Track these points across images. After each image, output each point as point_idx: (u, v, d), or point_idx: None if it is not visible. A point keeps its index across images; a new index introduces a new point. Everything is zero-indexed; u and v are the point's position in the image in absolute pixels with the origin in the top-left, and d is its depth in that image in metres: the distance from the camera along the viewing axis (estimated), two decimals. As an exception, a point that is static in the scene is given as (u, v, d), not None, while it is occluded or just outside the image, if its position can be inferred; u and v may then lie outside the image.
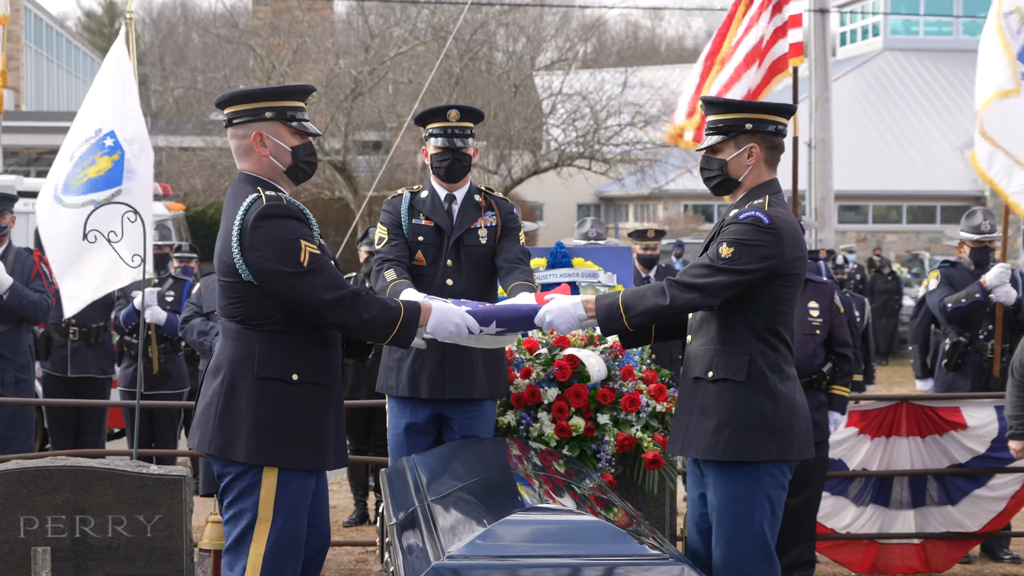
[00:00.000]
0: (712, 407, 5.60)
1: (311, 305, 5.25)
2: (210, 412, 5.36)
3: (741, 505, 5.56)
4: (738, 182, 5.73)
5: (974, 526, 9.31)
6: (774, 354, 5.61)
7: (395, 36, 30.87)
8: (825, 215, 19.58)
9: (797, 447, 5.62)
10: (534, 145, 32.41)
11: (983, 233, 10.14)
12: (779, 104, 5.80)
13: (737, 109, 5.74)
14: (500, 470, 6.01)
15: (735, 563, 5.57)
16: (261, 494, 5.28)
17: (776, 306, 5.60)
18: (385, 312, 5.38)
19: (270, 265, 5.22)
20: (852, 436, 9.12)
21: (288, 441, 5.29)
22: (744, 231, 5.51)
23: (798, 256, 5.62)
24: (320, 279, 5.24)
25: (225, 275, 5.37)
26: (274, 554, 5.29)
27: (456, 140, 6.95)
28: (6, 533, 7.17)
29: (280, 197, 5.33)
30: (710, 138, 5.75)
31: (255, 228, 5.24)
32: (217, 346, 5.56)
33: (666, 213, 45.41)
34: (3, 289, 9.50)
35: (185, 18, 57.46)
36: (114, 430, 13.10)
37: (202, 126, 33.47)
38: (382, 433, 10.06)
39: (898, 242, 42.18)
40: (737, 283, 5.48)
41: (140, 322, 8.97)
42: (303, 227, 5.32)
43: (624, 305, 5.59)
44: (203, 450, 5.38)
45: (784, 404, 5.58)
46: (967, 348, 10.07)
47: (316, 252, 5.28)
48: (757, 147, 5.68)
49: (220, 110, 5.52)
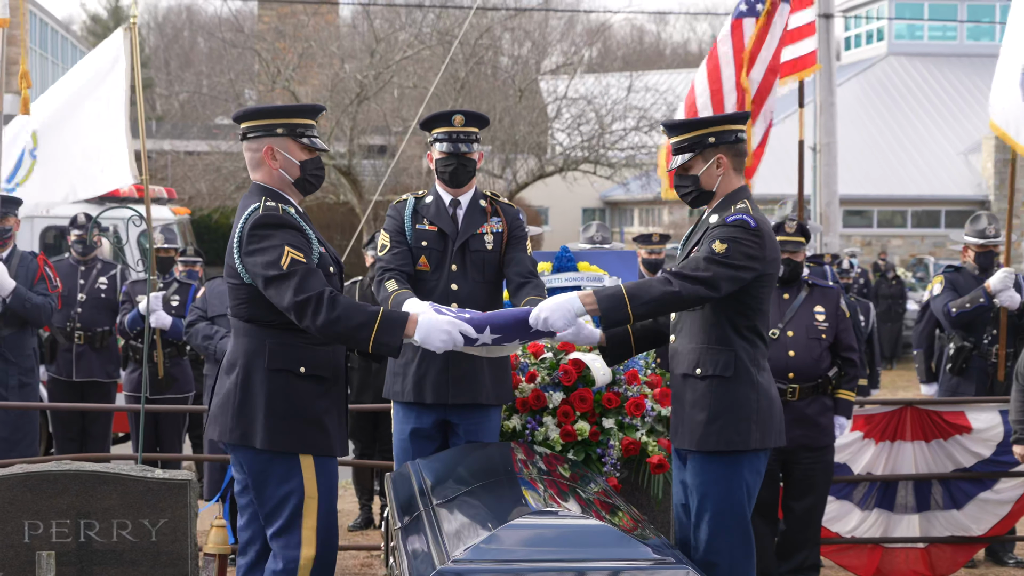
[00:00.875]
0: (702, 401, 5.92)
1: (282, 306, 5.54)
2: (228, 404, 5.70)
3: (721, 487, 5.89)
4: (712, 192, 6.02)
5: (979, 530, 9.30)
6: (754, 350, 5.93)
7: (400, 40, 30.91)
8: (830, 219, 19.56)
9: (775, 435, 5.99)
10: (539, 149, 32.46)
11: (988, 237, 10.14)
12: (735, 113, 6.23)
13: (698, 126, 6.03)
14: (505, 474, 6.01)
15: (715, 543, 5.90)
16: (304, 474, 5.65)
17: (756, 305, 5.92)
18: (356, 315, 5.56)
19: (256, 269, 5.59)
20: (857, 440, 9.11)
21: (300, 428, 5.65)
22: (734, 232, 5.79)
23: (775, 258, 5.96)
24: (292, 281, 5.52)
25: (231, 278, 5.75)
26: (325, 526, 5.70)
27: (461, 145, 6.93)
28: (11, 537, 7.16)
29: (277, 207, 5.67)
30: (678, 157, 6.04)
31: (251, 235, 5.62)
32: (229, 345, 5.84)
33: (671, 217, 45.42)
34: (6, 293, 9.50)
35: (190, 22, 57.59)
36: (119, 434, 13.11)
37: (207, 130, 33.54)
38: (387, 437, 10.06)
39: (902, 246, 42.14)
40: (735, 277, 5.76)
41: (145, 326, 8.98)
42: (295, 236, 5.66)
43: (630, 295, 5.75)
44: (224, 440, 5.72)
45: (764, 395, 5.94)
46: (972, 353, 10.07)
47: (299, 258, 5.57)
48: (723, 157, 6.01)
49: (237, 124, 5.92)
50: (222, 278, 9.77)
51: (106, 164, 9.94)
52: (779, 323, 8.18)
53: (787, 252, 8.21)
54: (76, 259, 11.42)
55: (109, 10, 66.01)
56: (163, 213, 15.11)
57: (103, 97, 9.91)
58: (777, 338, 8.14)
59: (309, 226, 5.76)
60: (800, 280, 8.35)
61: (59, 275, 10.43)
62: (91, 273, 11.40)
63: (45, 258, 10.13)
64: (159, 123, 41.74)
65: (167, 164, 36.83)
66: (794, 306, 8.24)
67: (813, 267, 10.47)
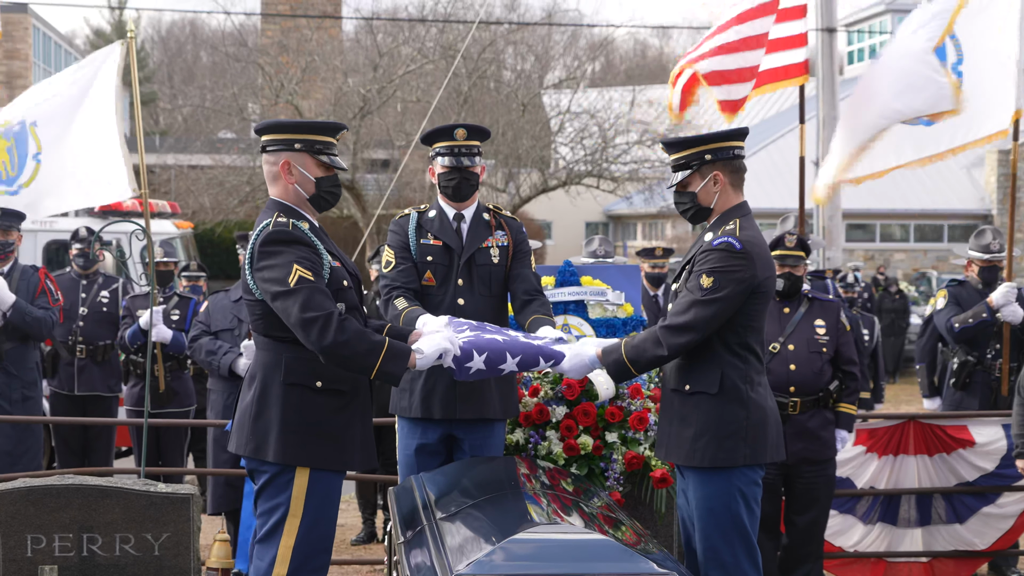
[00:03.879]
0: (690, 417, 5.97)
1: (289, 323, 5.54)
2: (245, 417, 5.73)
3: (716, 502, 5.91)
4: (710, 209, 6.10)
5: (982, 544, 9.30)
6: (744, 366, 5.95)
7: (403, 55, 30.94)
8: (833, 233, 19.56)
9: (770, 451, 5.99)
10: (542, 163, 32.45)
11: (992, 252, 10.16)
12: (734, 129, 6.15)
13: (695, 144, 6.08)
14: (508, 488, 6.00)
15: (716, 555, 5.91)
16: (293, 491, 5.63)
17: (747, 322, 5.94)
18: (363, 342, 5.55)
19: (265, 285, 5.60)
20: (860, 454, 9.12)
21: (313, 443, 5.65)
22: (720, 258, 5.88)
23: (768, 275, 5.98)
24: (299, 298, 5.51)
25: (246, 294, 5.78)
26: (302, 547, 5.64)
27: (463, 159, 6.93)
28: (13, 551, 7.16)
29: (288, 223, 5.66)
30: (677, 175, 6.11)
31: (261, 251, 5.64)
32: (254, 357, 5.87)
33: (674, 231, 45.41)
34: (6, 307, 9.50)
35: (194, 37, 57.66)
36: (121, 448, 13.11)
37: (211, 144, 33.52)
38: (391, 451, 10.08)
39: (905, 260, 42.14)
40: (721, 311, 5.85)
41: (147, 341, 8.97)
42: (305, 252, 5.64)
43: (630, 360, 6.01)
44: (240, 453, 5.74)
45: (756, 411, 5.93)
46: (975, 367, 10.07)
47: (306, 275, 5.55)
48: (721, 173, 6.06)
49: (258, 136, 5.95)
50: (225, 292, 9.82)
51: (100, 177, 9.94)
52: (780, 337, 8.18)
53: (787, 266, 8.22)
54: (78, 273, 11.43)
55: (112, 24, 66.04)
56: (166, 227, 15.13)
57: (97, 110, 9.91)
58: (778, 352, 8.15)
59: (324, 240, 5.77)
60: (800, 294, 8.36)
61: (61, 289, 10.43)
62: (93, 287, 11.41)
63: (47, 272, 10.13)
64: (162, 137, 41.79)
65: (170, 178, 36.88)
66: (794, 320, 8.25)
67: (815, 282, 10.45)
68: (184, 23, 63.98)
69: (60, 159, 9.89)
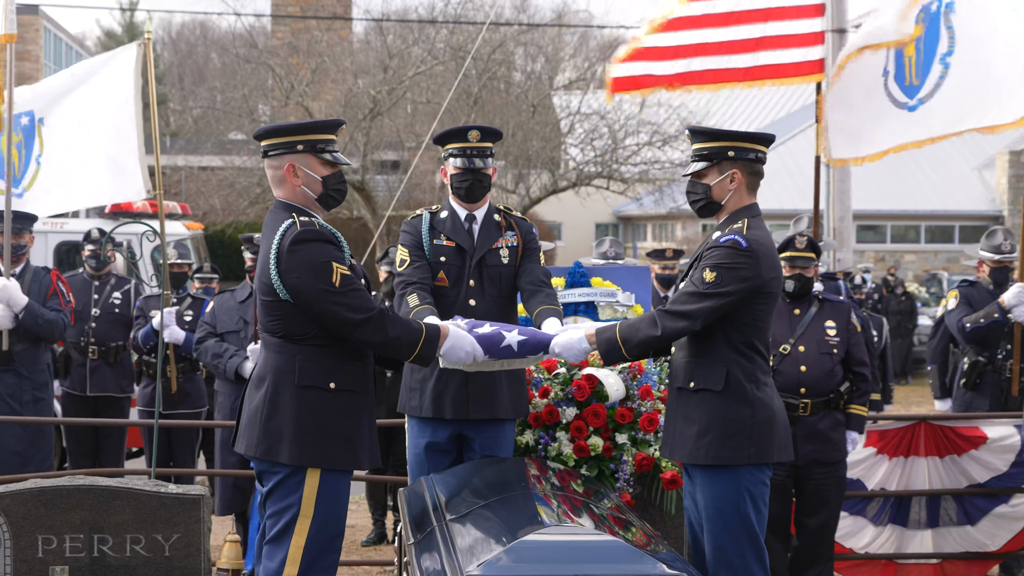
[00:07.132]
0: (694, 415, 5.97)
1: (341, 323, 5.60)
2: (256, 419, 5.74)
3: (724, 503, 5.90)
4: (721, 205, 6.13)
5: (993, 545, 9.28)
6: (750, 365, 5.96)
7: (414, 56, 30.96)
8: (843, 235, 19.44)
9: (776, 450, 5.99)
10: (552, 164, 32.47)
11: (1004, 253, 10.15)
12: (760, 133, 6.19)
13: (721, 138, 6.11)
14: (518, 490, 6.01)
15: (724, 556, 5.91)
16: (304, 492, 5.65)
17: (752, 321, 5.96)
18: (408, 332, 5.78)
19: (305, 286, 5.60)
20: (870, 456, 9.10)
21: (327, 444, 5.68)
22: (724, 255, 5.90)
23: (774, 276, 6.02)
24: (350, 300, 5.61)
25: (265, 295, 5.75)
26: (313, 547, 5.67)
27: (476, 160, 6.94)
28: (24, 552, 7.17)
29: (313, 222, 5.72)
30: (695, 164, 6.14)
31: (291, 252, 5.62)
32: (260, 358, 5.88)
33: (684, 233, 45.39)
34: (19, 308, 9.51)
35: (204, 38, 57.65)
36: (132, 449, 13.12)
37: (221, 145, 33.55)
38: (401, 452, 10.07)
39: (916, 261, 42.10)
40: (720, 306, 5.86)
41: (159, 342, 8.98)
42: (335, 250, 5.69)
43: (622, 339, 6.00)
44: (250, 454, 5.76)
45: (762, 410, 5.94)
46: (986, 368, 10.06)
47: (347, 273, 5.64)
48: (739, 173, 6.09)
49: (258, 142, 5.96)
50: (231, 292, 9.81)
51: (113, 175, 9.94)
52: (790, 338, 8.18)
53: (797, 268, 8.22)
54: (90, 274, 11.44)
55: (123, 25, 66.18)
56: (177, 228, 15.14)
57: (112, 110, 9.91)
58: (788, 353, 8.14)
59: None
60: (811, 295, 8.35)
61: (73, 290, 10.43)
62: (105, 288, 11.41)
63: (58, 273, 10.13)
64: (173, 138, 41.82)
65: (181, 179, 36.89)
66: (805, 321, 8.24)
67: (827, 283, 10.43)
68: (195, 24, 63.98)
69: (65, 158, 9.90)
